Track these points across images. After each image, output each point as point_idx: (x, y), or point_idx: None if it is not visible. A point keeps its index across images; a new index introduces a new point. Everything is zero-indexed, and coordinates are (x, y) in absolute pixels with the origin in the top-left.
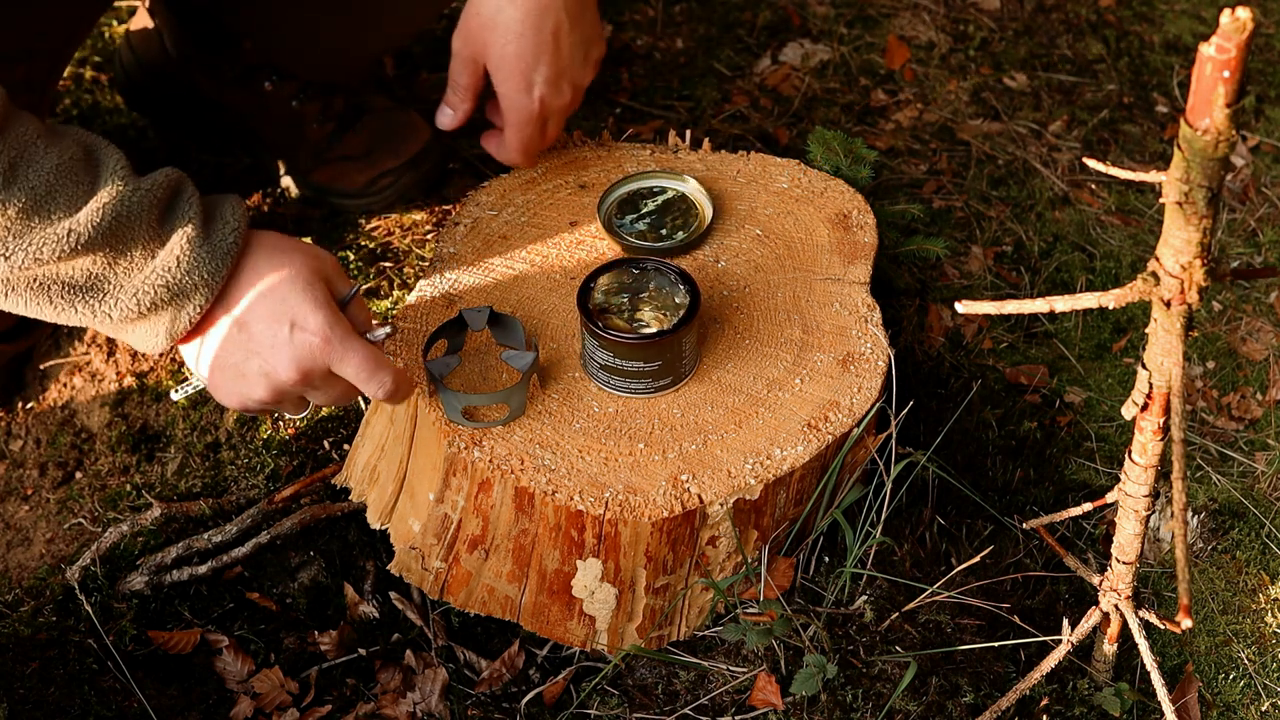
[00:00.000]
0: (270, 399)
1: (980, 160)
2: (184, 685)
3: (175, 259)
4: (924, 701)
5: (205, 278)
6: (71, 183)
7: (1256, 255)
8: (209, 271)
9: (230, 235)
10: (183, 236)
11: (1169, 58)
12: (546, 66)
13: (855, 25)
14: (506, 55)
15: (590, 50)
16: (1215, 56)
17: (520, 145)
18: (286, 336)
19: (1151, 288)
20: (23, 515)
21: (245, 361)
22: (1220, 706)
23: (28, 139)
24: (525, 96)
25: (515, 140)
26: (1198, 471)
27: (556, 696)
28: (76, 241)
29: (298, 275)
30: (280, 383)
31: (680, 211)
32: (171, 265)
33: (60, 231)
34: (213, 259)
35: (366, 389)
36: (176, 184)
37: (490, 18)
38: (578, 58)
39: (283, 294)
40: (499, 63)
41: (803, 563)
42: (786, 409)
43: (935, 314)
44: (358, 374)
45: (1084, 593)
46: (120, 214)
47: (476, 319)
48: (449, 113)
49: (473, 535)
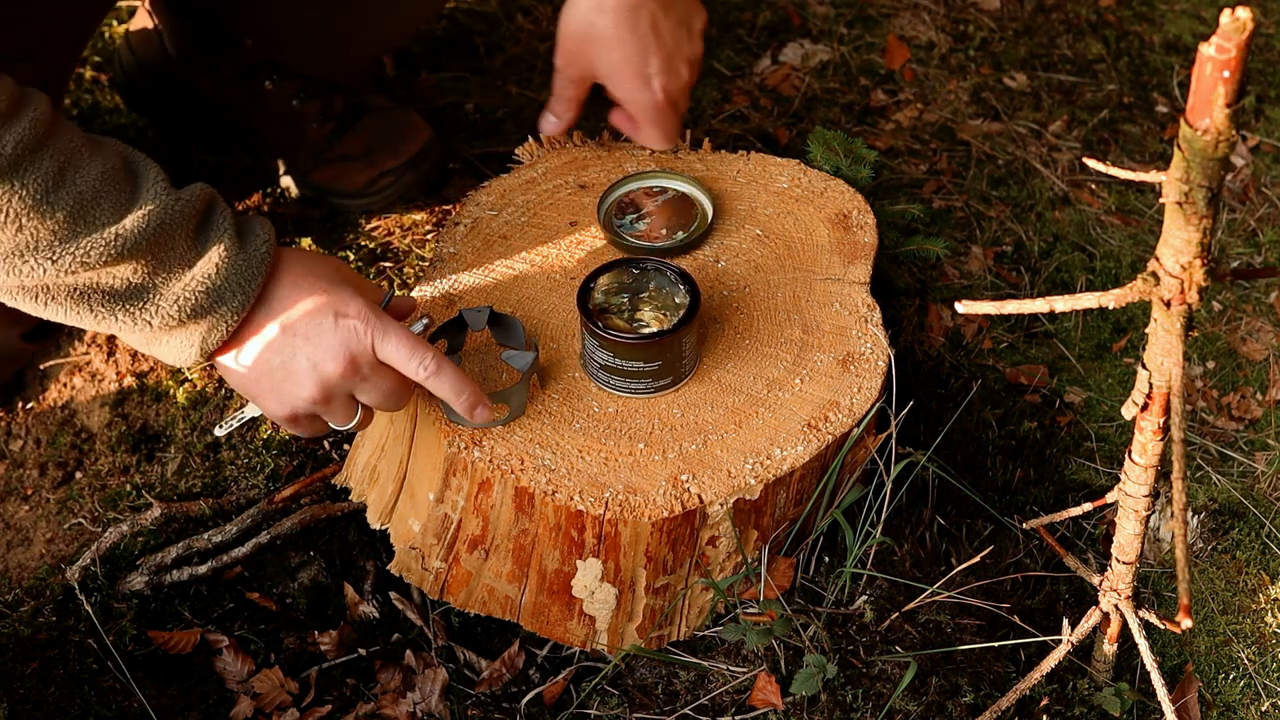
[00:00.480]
0: (319, 396)
1: (980, 160)
2: (184, 685)
3: (214, 266)
4: (924, 701)
5: (242, 284)
6: (115, 190)
7: (1256, 255)
8: (245, 279)
9: (263, 246)
10: (220, 247)
11: (1169, 58)
12: (656, 58)
13: (855, 25)
14: (614, 63)
15: (692, 23)
16: (1215, 56)
17: (661, 135)
18: (331, 324)
19: (1151, 288)
20: (23, 515)
21: (291, 359)
22: (1220, 706)
23: (73, 146)
24: (646, 92)
25: (654, 133)
26: (1198, 471)
27: (556, 696)
28: (122, 247)
29: (333, 274)
30: (329, 375)
31: (680, 212)
32: (210, 273)
33: (108, 236)
34: (248, 267)
35: (409, 368)
36: (210, 199)
37: (586, 34)
38: (681, 37)
39: (322, 288)
40: (609, 73)
41: (803, 563)
42: (786, 409)
43: (935, 314)
44: (398, 351)
45: (1084, 593)
46: (163, 223)
47: (476, 319)
48: (553, 120)
49: (473, 535)
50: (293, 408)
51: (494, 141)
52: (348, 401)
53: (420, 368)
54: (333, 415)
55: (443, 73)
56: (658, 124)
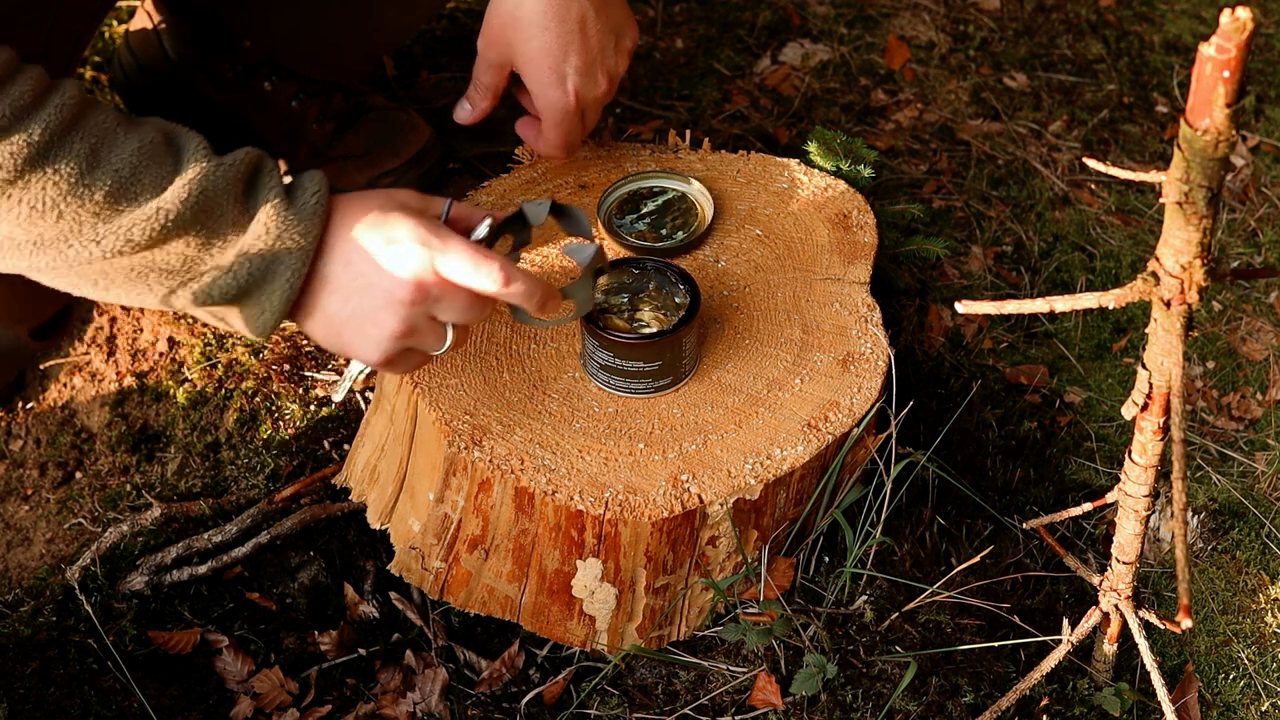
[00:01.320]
0: (404, 328)
1: (980, 160)
2: (184, 685)
3: (265, 227)
4: (924, 701)
5: (296, 240)
6: (155, 164)
7: (1256, 255)
8: (299, 233)
9: (313, 199)
10: (269, 206)
11: (1169, 58)
12: (576, 57)
13: (855, 25)
14: (532, 51)
15: (622, 37)
16: (1215, 56)
17: (560, 140)
18: (388, 252)
19: (1151, 288)
20: (23, 515)
21: (364, 300)
22: (1220, 706)
23: (106, 126)
24: (558, 91)
25: (555, 136)
26: (1198, 471)
27: (556, 696)
28: (166, 219)
29: (385, 203)
30: (401, 303)
31: (680, 211)
32: (261, 234)
33: (149, 211)
34: (300, 221)
35: (476, 281)
36: (257, 160)
37: (511, 15)
38: (608, 45)
39: (373, 221)
40: (526, 60)
41: (803, 563)
42: (786, 409)
43: (935, 314)
44: (462, 267)
45: (1084, 593)
46: (206, 190)
47: (537, 212)
48: (468, 108)
49: (473, 535)
50: (382, 349)
51: (494, 141)
52: (433, 325)
53: (488, 280)
54: (424, 343)
55: (443, 73)
56: (560, 127)
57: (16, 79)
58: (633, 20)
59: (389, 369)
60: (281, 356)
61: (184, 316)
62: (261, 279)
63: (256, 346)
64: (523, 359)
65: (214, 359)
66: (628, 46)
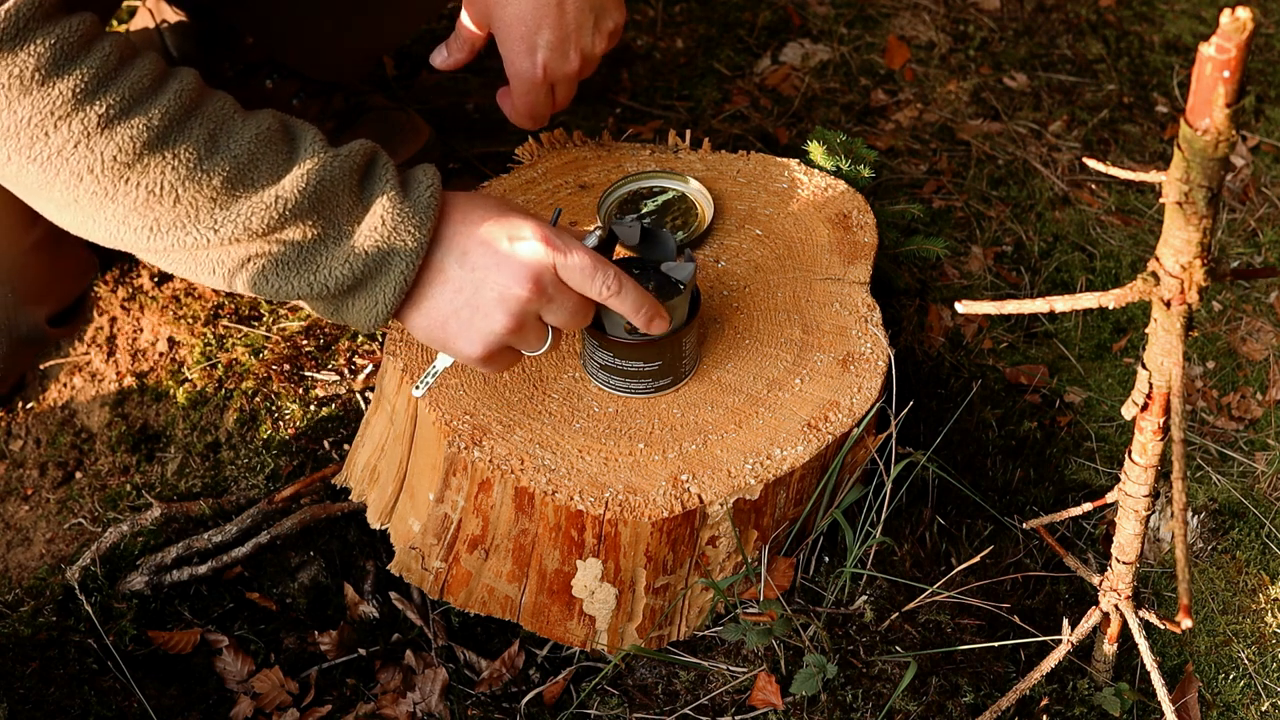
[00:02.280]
0: (512, 326)
1: (980, 160)
2: (184, 685)
3: (380, 219)
4: (924, 701)
5: (412, 232)
6: (272, 151)
7: (1256, 255)
8: (415, 226)
9: (427, 193)
10: (384, 199)
11: (1169, 58)
12: (550, 31)
13: (855, 25)
14: (506, 18)
15: (603, 18)
16: (1215, 56)
17: (526, 110)
18: (510, 248)
19: (1151, 288)
20: (23, 515)
21: (477, 294)
22: (1220, 706)
23: (225, 113)
24: (527, 61)
25: (521, 105)
26: (1198, 471)
27: (556, 696)
28: (284, 208)
29: (500, 204)
30: (517, 299)
31: (680, 211)
32: (377, 225)
33: (268, 199)
34: (415, 214)
35: (592, 287)
36: (372, 153)
37: None
38: (585, 23)
39: (493, 219)
40: (499, 26)
41: (803, 563)
42: (786, 409)
43: (935, 314)
44: (582, 270)
45: (1084, 593)
46: (324, 179)
47: (629, 233)
48: (443, 54)
49: (473, 535)
50: (486, 344)
51: (494, 141)
52: (538, 325)
53: (604, 286)
54: (526, 342)
55: (444, 73)
56: (525, 97)
57: (135, 63)
58: (619, 4)
59: (486, 365)
60: (281, 356)
61: (290, 308)
62: (376, 271)
63: (257, 346)
64: (523, 359)
65: (214, 359)
66: (609, 28)
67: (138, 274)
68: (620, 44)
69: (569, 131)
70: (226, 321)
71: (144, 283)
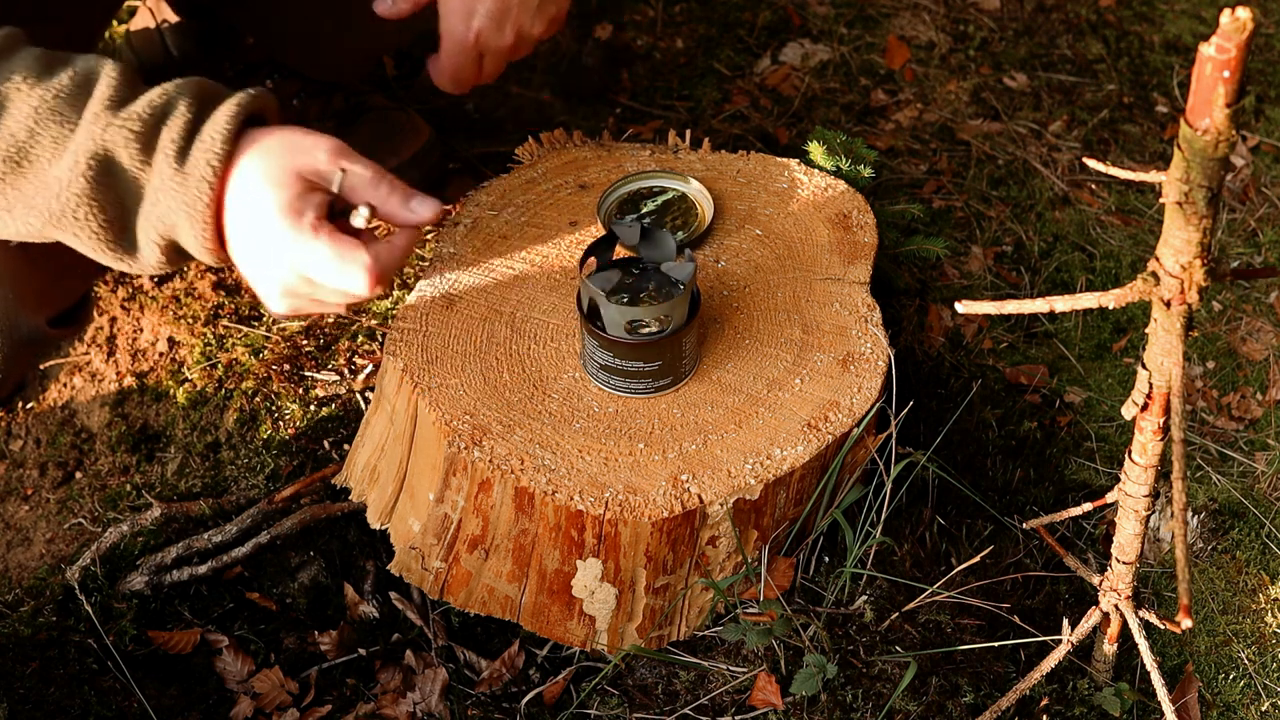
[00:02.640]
0: (290, 311)
1: (980, 160)
2: (184, 685)
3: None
4: (924, 701)
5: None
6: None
7: (1256, 255)
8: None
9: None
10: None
11: (1169, 58)
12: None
13: (855, 25)
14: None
15: (546, 3)
16: (1215, 56)
17: (450, 72)
18: (260, 272)
19: (1151, 288)
20: (23, 515)
21: (255, 266)
22: (1220, 706)
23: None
24: (461, 25)
25: (446, 65)
26: (1198, 471)
27: (556, 696)
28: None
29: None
30: (285, 306)
31: (680, 211)
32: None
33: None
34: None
35: (344, 284)
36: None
37: None
38: (528, 3)
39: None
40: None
41: (803, 563)
42: (786, 409)
43: (935, 314)
44: (327, 274)
45: (1084, 593)
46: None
47: (629, 234)
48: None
49: (473, 535)
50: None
51: (494, 141)
52: (321, 303)
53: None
54: (322, 310)
55: None
56: (452, 59)
57: None
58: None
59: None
60: (281, 356)
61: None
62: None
63: (257, 346)
64: (523, 359)
65: (214, 359)
66: (551, 13)
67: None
68: (620, 44)
69: (569, 131)
70: (226, 321)
71: (144, 283)
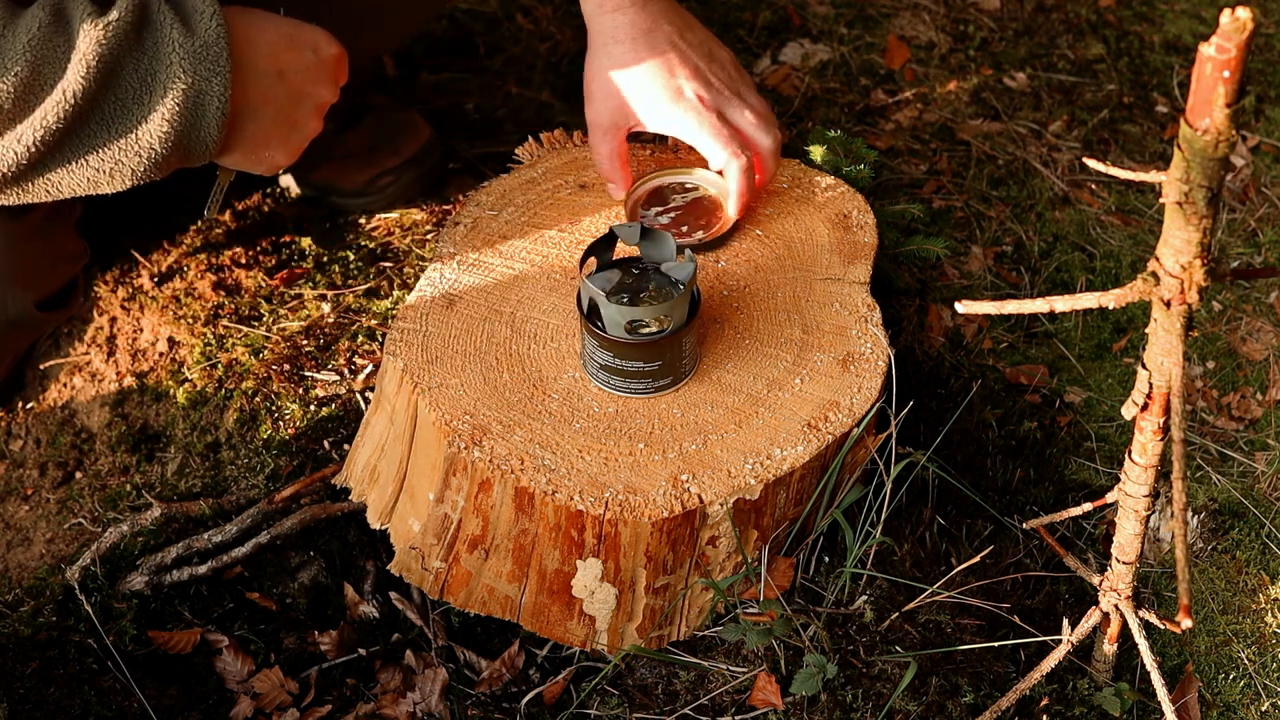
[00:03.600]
0: (319, 125)
1: (980, 160)
2: (184, 685)
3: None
4: (924, 701)
5: (213, 69)
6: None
7: (1256, 255)
8: (211, 63)
9: (213, 24)
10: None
11: (1169, 58)
12: (683, 66)
13: (855, 25)
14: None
15: (715, 51)
16: (1215, 56)
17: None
18: (315, 61)
19: (1151, 288)
20: (23, 515)
21: (296, 108)
22: (1220, 706)
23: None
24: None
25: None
26: (1198, 471)
27: (556, 696)
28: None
29: (275, 16)
30: (326, 104)
31: (705, 211)
32: (178, 75)
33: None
34: (208, 52)
35: None
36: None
37: (602, 64)
38: (716, 55)
39: (289, 34)
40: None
41: (803, 563)
42: (786, 409)
43: (935, 314)
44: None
45: (1084, 593)
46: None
47: (629, 234)
48: (612, 186)
49: (473, 535)
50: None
51: (494, 141)
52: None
53: None
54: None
55: (443, 73)
56: (717, 139)
57: None
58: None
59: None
60: (281, 356)
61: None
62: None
63: (257, 346)
64: (523, 359)
65: (214, 359)
66: (725, 58)
67: (138, 274)
68: None
69: (569, 131)
70: (226, 321)
71: (144, 283)
